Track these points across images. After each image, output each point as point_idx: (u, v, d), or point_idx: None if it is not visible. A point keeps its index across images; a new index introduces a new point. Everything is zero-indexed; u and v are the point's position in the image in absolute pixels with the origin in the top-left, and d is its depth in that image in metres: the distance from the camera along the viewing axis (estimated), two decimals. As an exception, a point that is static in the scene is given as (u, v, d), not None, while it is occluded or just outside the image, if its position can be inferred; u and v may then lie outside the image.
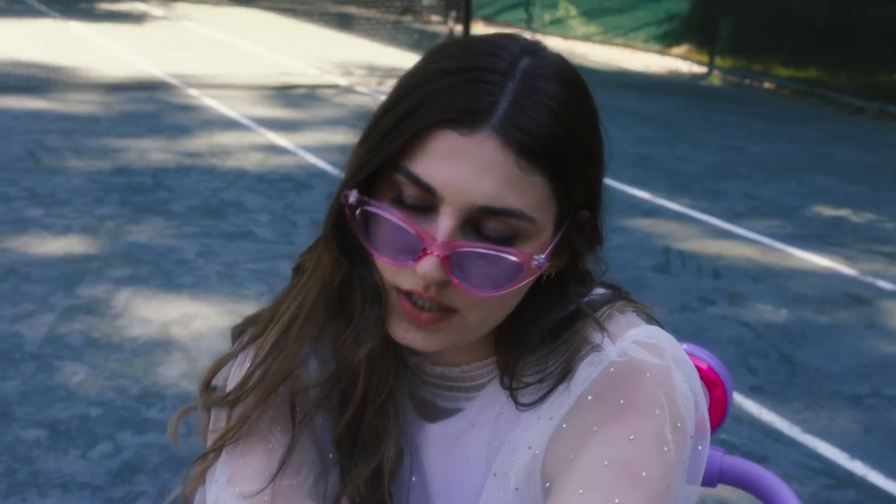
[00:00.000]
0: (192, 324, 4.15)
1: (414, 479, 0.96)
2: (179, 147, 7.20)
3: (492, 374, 0.93)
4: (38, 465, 3.06)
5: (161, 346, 3.93)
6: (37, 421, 3.31)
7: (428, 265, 0.79)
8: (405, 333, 0.85)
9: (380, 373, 0.91)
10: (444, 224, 0.79)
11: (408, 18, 15.90)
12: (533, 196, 0.79)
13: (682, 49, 13.52)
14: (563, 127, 0.80)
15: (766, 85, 11.98)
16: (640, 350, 0.86)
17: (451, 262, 0.79)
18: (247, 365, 0.95)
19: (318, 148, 7.33)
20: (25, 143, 7.01)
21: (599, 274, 0.96)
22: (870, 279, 5.17)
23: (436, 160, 0.79)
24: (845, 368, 4.09)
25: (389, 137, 0.81)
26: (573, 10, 15.14)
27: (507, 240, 0.81)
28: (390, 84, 6.07)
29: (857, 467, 3.34)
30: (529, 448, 0.87)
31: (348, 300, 0.90)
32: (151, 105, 8.64)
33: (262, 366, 0.93)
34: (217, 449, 0.94)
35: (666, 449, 0.82)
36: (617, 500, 0.79)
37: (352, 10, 15.09)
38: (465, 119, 0.78)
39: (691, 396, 0.86)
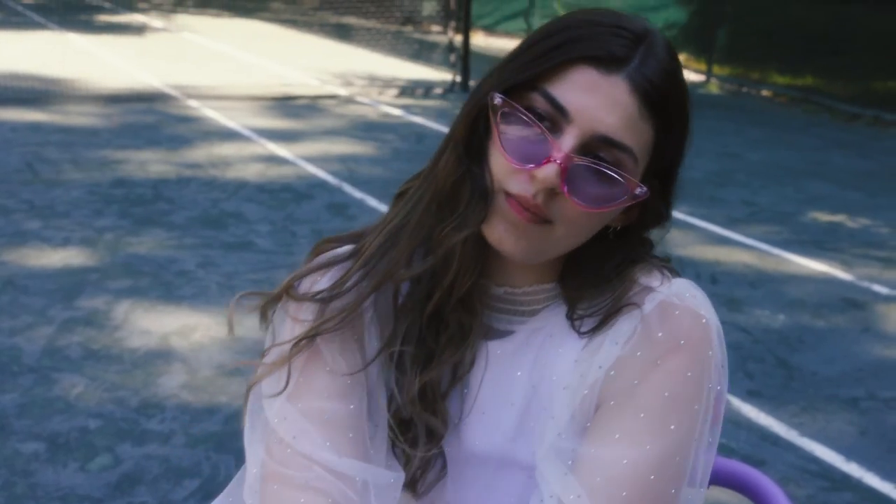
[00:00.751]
0: (192, 335, 4.16)
1: (465, 390, 1.05)
2: (179, 158, 7.23)
3: (549, 299, 1.05)
4: (36, 478, 3.07)
5: (161, 357, 3.95)
6: (35, 434, 3.32)
7: (549, 170, 0.90)
8: (502, 233, 0.96)
9: (467, 265, 1.00)
10: (568, 141, 0.91)
11: (408, 29, 15.94)
12: (642, 140, 0.93)
13: (681, 57, 13.49)
14: (674, 89, 0.95)
15: (764, 93, 12.01)
16: (694, 298, 0.98)
17: (568, 173, 0.91)
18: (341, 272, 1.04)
19: (318, 158, 7.36)
20: (24, 156, 7.04)
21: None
22: (865, 284, 5.19)
23: (574, 88, 0.91)
24: (841, 372, 4.10)
25: (540, 60, 0.93)
26: (571, 20, 15.18)
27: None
28: (391, 94, 6.11)
29: (854, 469, 3.35)
30: (600, 367, 0.97)
31: (458, 197, 0.98)
32: (151, 116, 8.68)
33: (368, 265, 1.02)
34: (307, 339, 1.02)
35: (710, 385, 0.95)
36: (672, 427, 0.93)
37: (352, 20, 15.14)
38: (607, 60, 0.91)
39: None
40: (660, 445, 0.93)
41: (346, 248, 1.08)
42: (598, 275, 1.02)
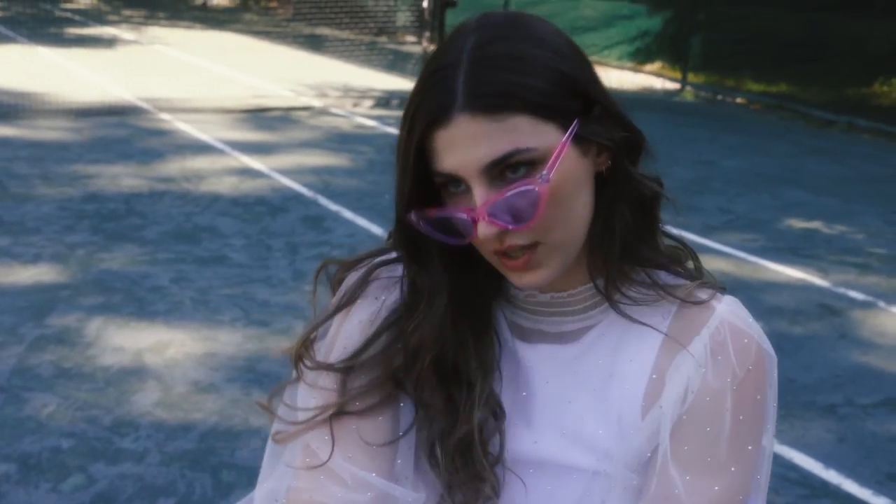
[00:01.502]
0: (166, 351, 4.11)
1: (525, 393, 1.06)
2: (152, 172, 7.16)
3: (594, 297, 1.06)
4: (8, 500, 3.01)
5: (134, 374, 3.90)
6: (6, 455, 3.26)
7: (483, 230, 0.93)
8: (521, 280, 0.98)
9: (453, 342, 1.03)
10: (478, 192, 0.93)
11: (382, 39, 15.93)
12: (518, 132, 0.92)
13: (656, 66, 13.62)
14: (513, 71, 0.92)
15: (739, 100, 12.09)
16: (750, 321, 1.03)
17: (496, 215, 0.93)
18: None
19: (292, 170, 7.32)
20: (-5, 172, 6.96)
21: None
22: (842, 290, 5.21)
23: (442, 154, 0.94)
24: (819, 379, 4.11)
25: (405, 157, 0.96)
26: (546, 29, 15.22)
27: (528, 172, 0.93)
28: (366, 105, 6.10)
29: (832, 476, 3.35)
30: (678, 391, 1.00)
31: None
32: (123, 130, 8.60)
33: (400, 324, 1.04)
34: (323, 416, 1.03)
35: (774, 405, 1.03)
36: (749, 448, 0.99)
37: (326, 31, 15.10)
38: (439, 117, 0.93)
39: None
40: (742, 467, 0.99)
41: (377, 280, 1.10)
42: (621, 242, 1.03)
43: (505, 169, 0.93)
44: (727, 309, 1.03)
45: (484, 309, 1.08)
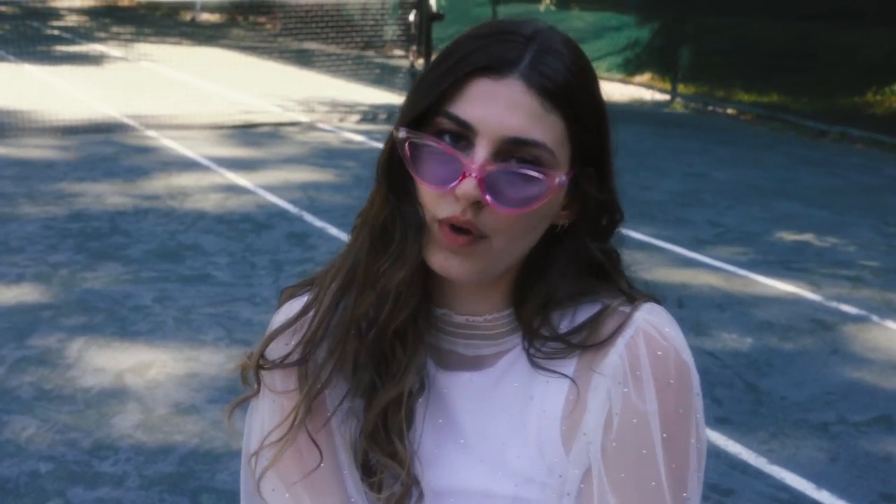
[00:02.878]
0: (147, 372, 4.05)
1: (441, 420, 1.05)
2: (137, 190, 7.10)
3: (510, 324, 1.05)
4: (-18, 527, 2.95)
5: (115, 395, 3.84)
6: (-18, 480, 3.20)
7: (467, 185, 0.91)
8: (444, 261, 0.97)
9: (405, 302, 1.00)
10: (480, 152, 0.92)
11: (370, 53, 15.90)
12: (553, 133, 0.93)
13: (645, 77, 13.61)
14: (576, 80, 0.95)
15: (729, 111, 12.07)
16: (671, 330, 0.99)
17: (486, 183, 0.92)
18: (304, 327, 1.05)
19: (278, 187, 7.26)
20: (-22, 190, 6.90)
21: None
22: (834, 304, 5.16)
23: (472, 101, 0.93)
24: (811, 396, 4.05)
25: (434, 85, 0.95)
26: (535, 42, 15.23)
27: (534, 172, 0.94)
28: (353, 120, 6.03)
29: (825, 497, 3.29)
30: (596, 411, 0.99)
31: (391, 235, 1.00)
32: (109, 148, 8.54)
33: (327, 317, 1.04)
34: (305, 404, 1.03)
35: (698, 416, 0.99)
36: (674, 465, 0.97)
37: (313, 46, 15.06)
38: (496, 67, 0.93)
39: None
40: (669, 486, 0.97)
41: (304, 298, 1.09)
42: (550, 288, 1.03)
43: (516, 151, 0.93)
44: (643, 317, 1.00)
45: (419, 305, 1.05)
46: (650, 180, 7.85)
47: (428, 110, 0.96)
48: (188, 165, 7.96)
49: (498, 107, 0.92)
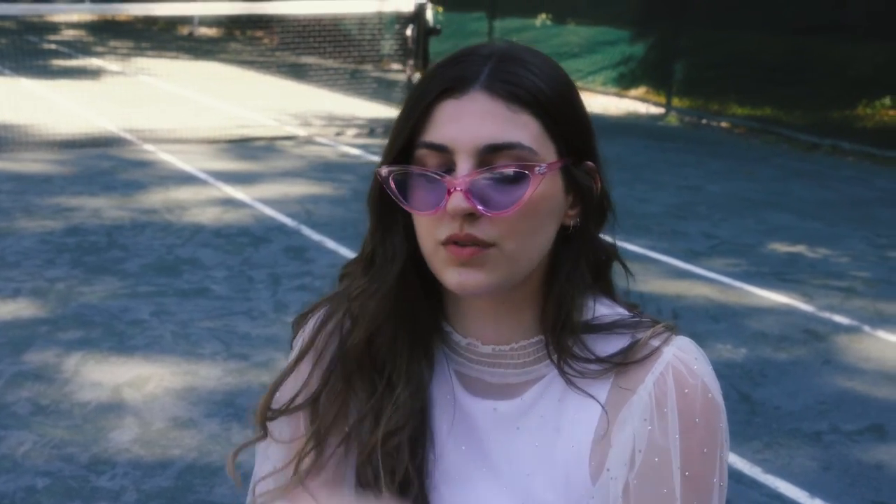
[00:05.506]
0: (145, 386, 4.07)
1: (464, 448, 1.05)
2: (134, 204, 7.13)
3: (537, 352, 1.04)
4: (-21, 541, 2.97)
5: (112, 410, 3.85)
6: (-21, 495, 3.22)
7: (455, 200, 0.93)
8: (458, 277, 0.97)
9: (380, 330, 1.04)
10: (462, 167, 0.94)
11: (366, 67, 15.95)
12: (527, 131, 0.95)
13: (640, 91, 13.67)
14: (540, 79, 0.97)
15: (723, 124, 12.12)
16: (699, 364, 0.99)
17: (473, 193, 0.93)
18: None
19: (276, 200, 7.29)
20: (-25, 205, 6.92)
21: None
22: (826, 314, 5.19)
23: (443, 124, 0.95)
24: (804, 406, 4.08)
25: (406, 120, 0.98)
26: (531, 56, 15.29)
27: (518, 174, 0.95)
28: (350, 134, 6.07)
29: (818, 506, 3.32)
30: (623, 450, 0.98)
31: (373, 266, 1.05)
32: (106, 162, 8.57)
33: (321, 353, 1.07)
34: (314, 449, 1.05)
35: (723, 456, 0.99)
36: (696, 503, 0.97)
37: (310, 60, 15.11)
38: (457, 86, 0.96)
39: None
40: None
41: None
42: (574, 306, 1.02)
43: (496, 157, 0.94)
44: (674, 353, 1.00)
45: (424, 330, 1.06)
46: (645, 193, 7.90)
47: (406, 146, 0.98)
48: (186, 179, 7.99)
49: (467, 121, 0.94)
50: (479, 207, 0.94)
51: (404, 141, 0.98)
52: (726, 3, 13.28)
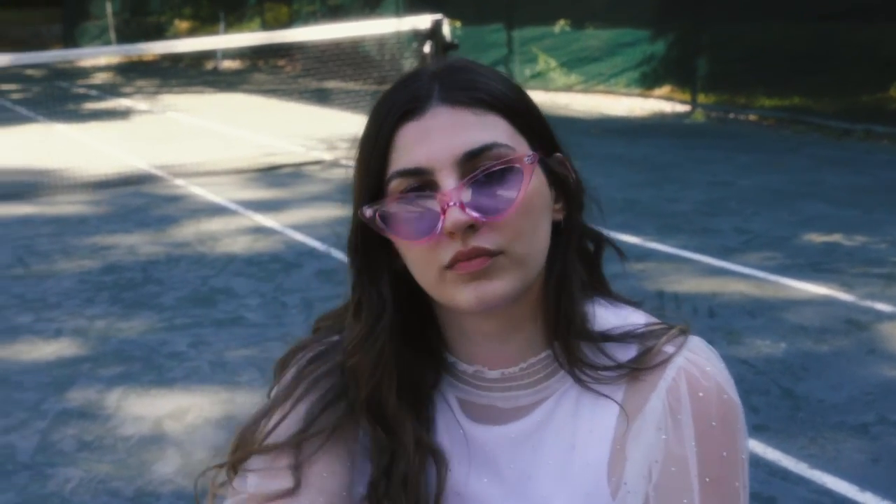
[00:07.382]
0: (185, 417, 4.10)
1: (486, 480, 1.02)
2: (168, 238, 7.21)
3: (548, 367, 1.02)
4: (30, 580, 3.00)
5: (154, 442, 3.88)
6: (29, 534, 3.26)
7: (453, 215, 0.90)
8: (475, 293, 0.93)
9: (373, 383, 1.00)
10: (447, 183, 0.91)
11: (388, 87, 16.03)
12: (498, 129, 0.94)
13: (664, 90, 13.60)
14: (497, 82, 0.97)
15: (751, 117, 12.02)
16: (713, 365, 0.97)
17: (468, 204, 0.91)
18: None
19: (305, 225, 7.34)
20: (15, 250, 7.02)
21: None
22: (868, 303, 5.11)
23: (411, 147, 0.93)
24: (849, 397, 4.01)
25: (371, 156, 0.96)
26: (553, 63, 15.27)
27: (503, 174, 0.93)
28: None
29: (869, 499, 3.26)
30: (640, 462, 0.96)
31: (360, 316, 1.01)
32: (139, 199, 8.68)
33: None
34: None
35: (744, 457, 0.97)
36: None
37: (332, 84, 15.19)
38: (413, 108, 0.94)
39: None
40: None
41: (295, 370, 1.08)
42: (576, 321, 1.00)
43: (477, 162, 0.92)
44: (685, 357, 0.98)
45: (425, 370, 1.04)
46: (675, 192, 7.84)
47: (379, 183, 0.96)
48: (216, 211, 8.06)
49: (436, 137, 0.93)
50: (478, 216, 0.91)
51: (374, 177, 0.96)
52: (745, -5, 13.18)
